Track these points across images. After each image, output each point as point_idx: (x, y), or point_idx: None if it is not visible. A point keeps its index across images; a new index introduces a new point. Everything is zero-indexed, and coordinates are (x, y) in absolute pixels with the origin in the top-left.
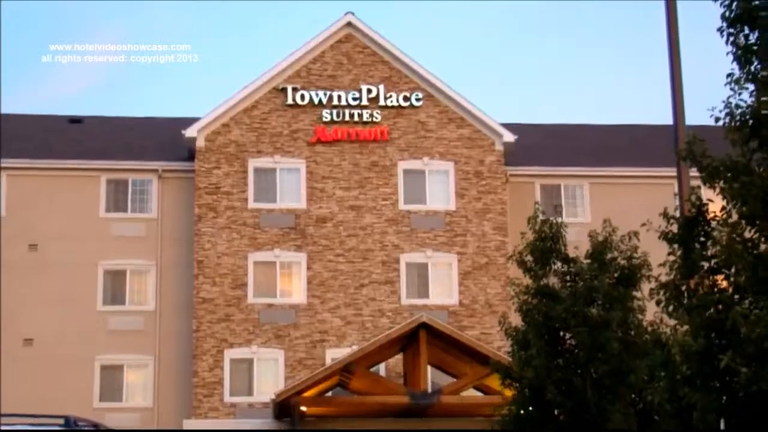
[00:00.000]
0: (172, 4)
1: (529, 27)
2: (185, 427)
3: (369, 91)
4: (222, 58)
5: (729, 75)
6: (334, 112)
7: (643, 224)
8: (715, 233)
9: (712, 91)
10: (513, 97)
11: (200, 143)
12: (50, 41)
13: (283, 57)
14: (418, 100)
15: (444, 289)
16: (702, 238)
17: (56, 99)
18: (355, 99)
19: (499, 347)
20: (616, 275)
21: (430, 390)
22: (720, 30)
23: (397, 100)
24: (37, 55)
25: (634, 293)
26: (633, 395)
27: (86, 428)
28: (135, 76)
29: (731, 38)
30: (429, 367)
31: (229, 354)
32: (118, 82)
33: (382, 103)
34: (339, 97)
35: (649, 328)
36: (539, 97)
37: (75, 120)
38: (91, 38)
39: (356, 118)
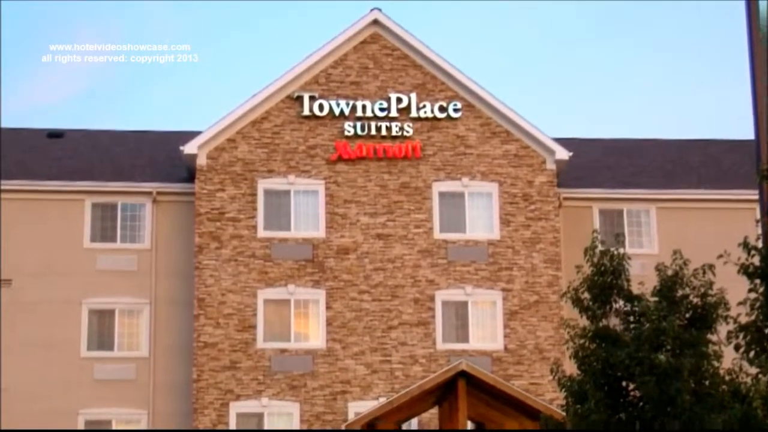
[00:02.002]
0: (173, 4)
1: (587, 27)
2: None
3: (399, 100)
4: (227, 62)
5: None
6: (358, 124)
7: (720, 256)
8: None
9: None
10: (567, 108)
11: (201, 161)
12: (46, 41)
13: (299, 60)
14: (456, 110)
15: (486, 332)
16: None
17: (32, 109)
18: (382, 109)
19: (551, 400)
20: (687, 315)
21: None
22: None
23: (432, 111)
24: (20, 57)
25: (709, 336)
26: None
27: None
28: (125, 82)
29: None
30: (469, 423)
31: (236, 407)
32: (105, 89)
33: (414, 114)
34: (364, 107)
35: (727, 378)
36: (598, 107)
37: (55, 134)
38: (88, 38)
39: (384, 132)
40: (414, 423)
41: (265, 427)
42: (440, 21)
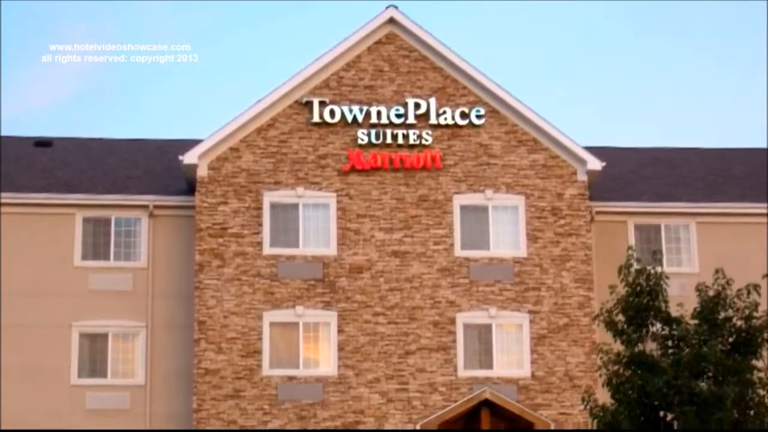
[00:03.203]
0: (173, 4)
1: (621, 27)
2: None
3: (417, 105)
4: (230, 65)
5: None
6: (373, 132)
7: (766, 275)
8: None
9: None
10: (600, 114)
11: (202, 172)
12: (41, 42)
13: (308, 63)
14: (478, 117)
15: (512, 358)
16: None
17: (18, 116)
18: (399, 116)
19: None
20: (731, 340)
21: None
22: None
23: (453, 117)
24: (7, 60)
25: (754, 363)
26: None
27: None
28: (119, 86)
29: None
30: None
31: None
32: (97, 94)
33: (433, 120)
34: (379, 113)
35: None
36: (634, 114)
37: (43, 143)
38: (86, 38)
39: (400, 140)
40: None
41: None
42: (462, 20)
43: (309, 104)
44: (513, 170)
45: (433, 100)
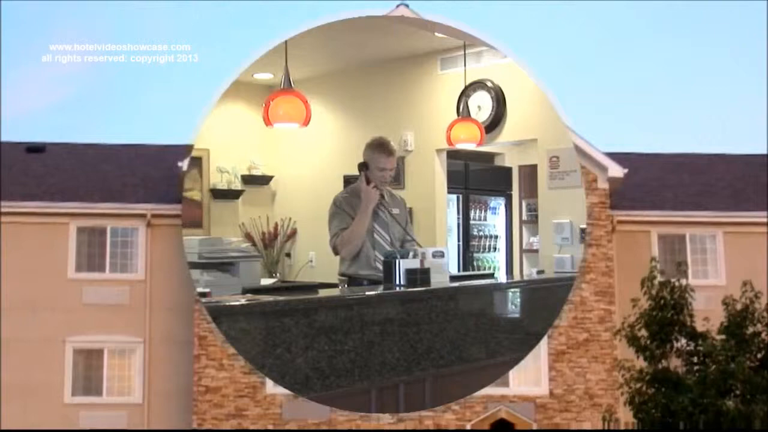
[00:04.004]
0: (173, 4)
1: (646, 26)
2: None
3: None
4: (231, 67)
5: None
6: None
7: None
8: None
9: None
10: (622, 118)
11: None
12: (33, 43)
13: None
14: None
15: (528, 375)
16: None
17: (9, 119)
18: None
19: None
20: (759, 356)
21: None
22: None
23: None
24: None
25: None
26: None
27: None
28: (115, 89)
29: None
30: None
31: None
32: (92, 96)
33: None
34: None
35: None
36: (658, 118)
37: (34, 148)
38: (84, 38)
39: None
40: None
41: None
42: (476, 19)
43: None
44: None
45: None
